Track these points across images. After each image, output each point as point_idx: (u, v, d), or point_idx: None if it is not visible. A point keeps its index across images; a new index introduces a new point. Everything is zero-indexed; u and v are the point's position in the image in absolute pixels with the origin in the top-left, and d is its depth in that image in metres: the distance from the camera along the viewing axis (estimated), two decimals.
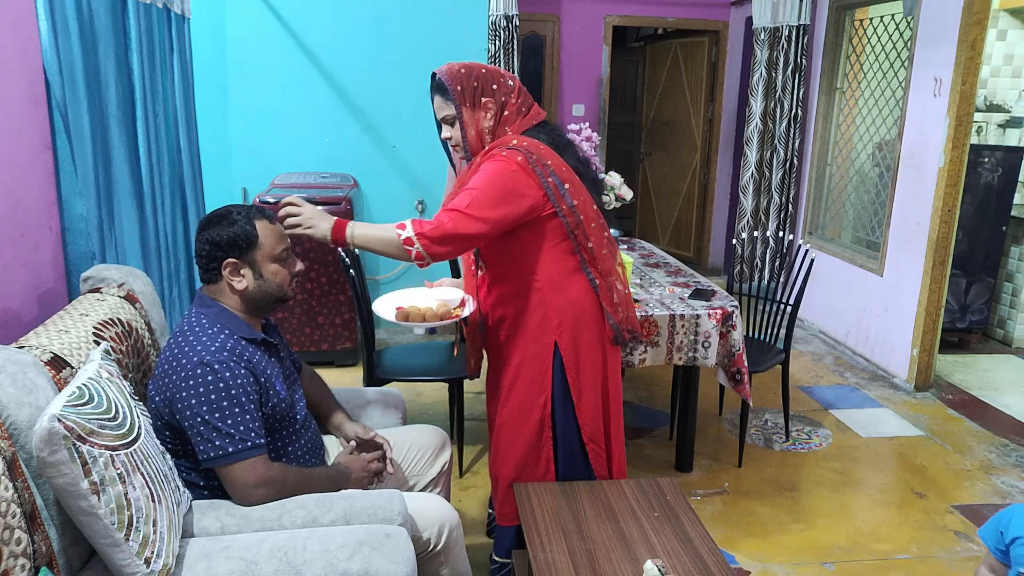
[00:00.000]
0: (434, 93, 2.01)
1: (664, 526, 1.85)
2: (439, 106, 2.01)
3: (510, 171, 1.91)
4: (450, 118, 2.00)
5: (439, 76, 1.98)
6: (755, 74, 5.26)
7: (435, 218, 1.92)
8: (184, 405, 1.66)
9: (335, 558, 1.58)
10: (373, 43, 4.56)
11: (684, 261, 4.81)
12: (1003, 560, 1.58)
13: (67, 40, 2.19)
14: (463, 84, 1.96)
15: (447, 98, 1.97)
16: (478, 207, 1.88)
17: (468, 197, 1.89)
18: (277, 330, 2.02)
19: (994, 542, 1.58)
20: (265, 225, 1.82)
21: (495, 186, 1.89)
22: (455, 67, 1.98)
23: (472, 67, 1.98)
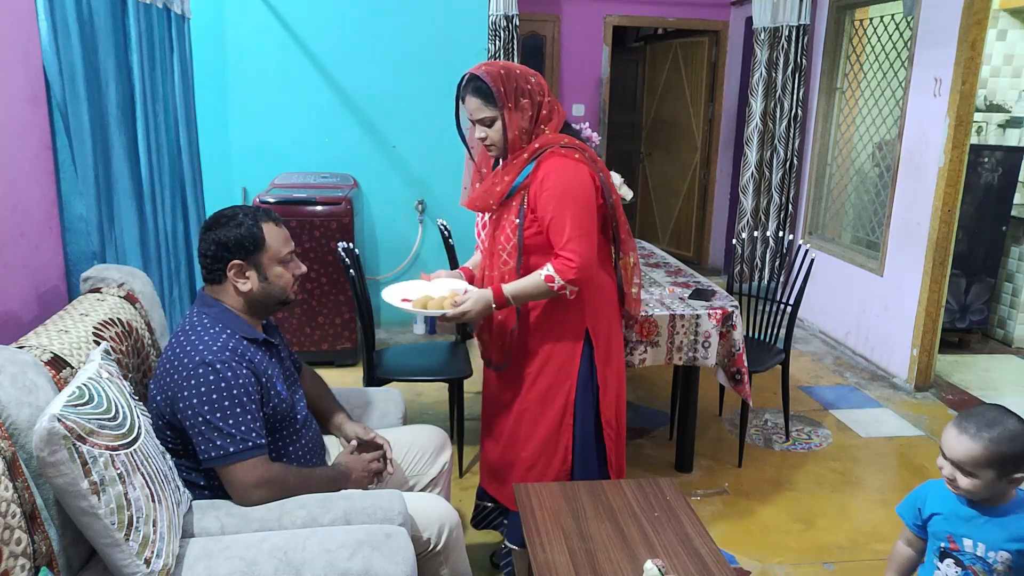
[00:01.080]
0: (469, 94, 2.00)
1: (664, 526, 1.85)
2: (476, 108, 2.00)
3: (582, 177, 2.00)
4: (488, 119, 1.99)
5: (481, 77, 1.97)
6: (755, 74, 5.26)
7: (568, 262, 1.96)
8: (186, 404, 1.66)
9: (335, 558, 1.59)
10: (373, 43, 4.57)
11: (684, 261, 4.80)
12: (920, 535, 1.69)
13: (67, 40, 2.19)
14: (505, 85, 1.96)
15: (488, 99, 1.97)
16: (582, 224, 1.97)
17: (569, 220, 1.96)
18: (278, 330, 2.02)
19: (911, 518, 1.69)
20: (271, 228, 1.82)
21: (580, 197, 1.98)
22: (495, 68, 1.98)
23: (508, 67, 2.00)
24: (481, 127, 2.02)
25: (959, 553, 1.59)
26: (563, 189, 1.96)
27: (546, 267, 1.99)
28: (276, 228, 1.83)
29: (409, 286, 2.22)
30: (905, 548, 1.75)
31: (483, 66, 2.00)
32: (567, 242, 1.96)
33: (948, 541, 1.60)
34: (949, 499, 1.62)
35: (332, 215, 4.04)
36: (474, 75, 1.98)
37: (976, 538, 1.56)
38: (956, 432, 1.54)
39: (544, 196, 1.98)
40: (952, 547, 1.60)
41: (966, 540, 1.58)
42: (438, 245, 4.70)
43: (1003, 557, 1.54)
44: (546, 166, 1.98)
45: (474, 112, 2.00)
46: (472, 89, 1.99)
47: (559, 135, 2.04)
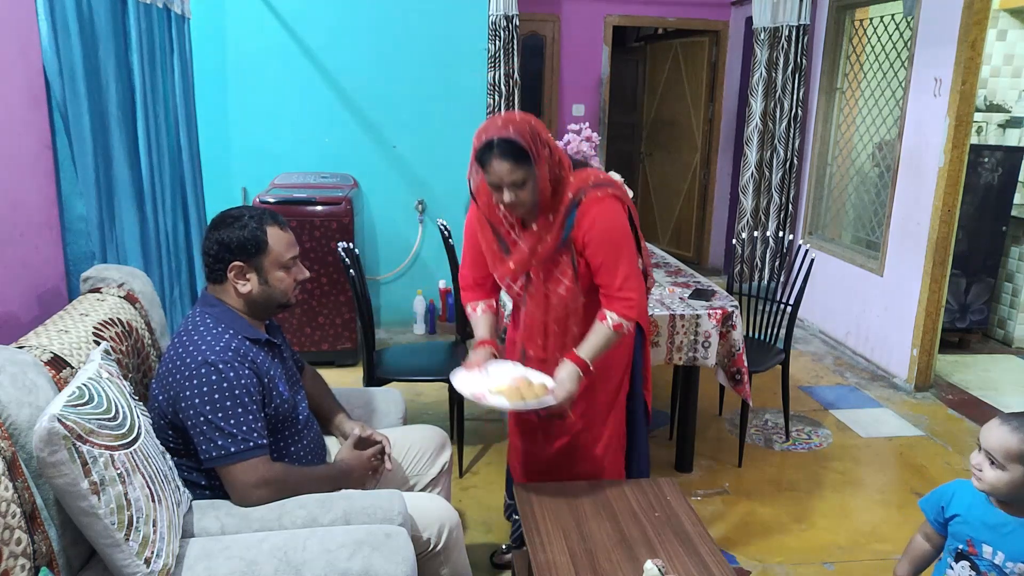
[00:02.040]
0: (497, 158, 1.83)
1: (664, 526, 1.85)
2: (507, 171, 1.83)
3: (621, 216, 2.00)
4: (520, 180, 1.85)
5: (512, 138, 1.81)
6: (755, 74, 5.26)
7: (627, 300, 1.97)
8: (188, 404, 1.66)
9: (335, 558, 1.58)
10: (373, 43, 4.57)
11: (684, 261, 4.81)
12: (940, 532, 1.68)
13: (67, 40, 2.19)
14: (536, 142, 1.84)
15: (519, 160, 1.83)
16: (631, 262, 1.99)
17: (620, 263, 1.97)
18: (280, 330, 2.02)
19: (934, 514, 1.67)
20: (276, 231, 1.81)
21: (625, 235, 1.99)
22: (521, 125, 1.84)
23: (527, 119, 1.88)
24: (510, 190, 1.86)
25: (976, 558, 1.57)
26: (609, 233, 1.95)
27: (608, 316, 1.96)
28: (281, 232, 1.82)
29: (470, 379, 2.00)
30: (923, 542, 1.74)
31: (509, 125, 1.83)
32: (623, 282, 1.95)
33: (967, 544, 1.59)
34: (977, 503, 1.59)
35: (332, 215, 4.04)
36: (502, 138, 1.81)
37: (997, 546, 1.55)
38: (998, 422, 1.54)
39: (593, 243, 1.95)
40: (970, 551, 1.58)
41: (986, 547, 1.56)
42: (438, 245, 4.69)
43: (1020, 569, 1.52)
44: (590, 214, 1.94)
45: (505, 176, 1.84)
46: (500, 152, 1.82)
47: (580, 174, 1.99)
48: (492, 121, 1.88)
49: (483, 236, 2.09)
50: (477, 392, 1.90)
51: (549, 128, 6.26)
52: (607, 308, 1.98)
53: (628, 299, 1.96)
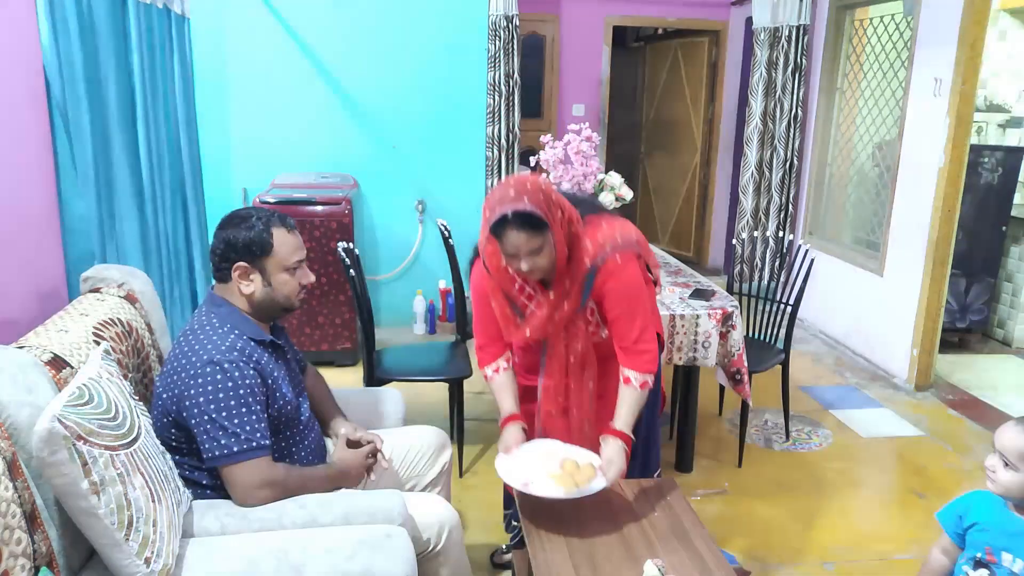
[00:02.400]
0: (514, 230, 1.76)
1: (664, 526, 1.85)
2: (525, 241, 1.77)
3: (639, 274, 1.97)
4: (537, 248, 1.80)
5: (528, 211, 1.74)
6: (755, 74, 5.26)
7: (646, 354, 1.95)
8: (192, 403, 1.67)
9: (335, 558, 1.58)
10: (373, 43, 4.57)
11: (684, 261, 4.80)
12: (959, 544, 1.64)
13: (67, 40, 2.20)
14: (550, 207, 1.79)
15: (537, 229, 1.77)
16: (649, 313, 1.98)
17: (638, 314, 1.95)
18: (285, 332, 2.02)
19: (952, 526, 1.65)
20: (283, 234, 1.81)
21: (642, 290, 1.97)
22: (535, 193, 1.77)
23: (536, 183, 1.81)
24: (528, 259, 1.81)
25: (996, 566, 1.56)
26: (626, 288, 1.94)
27: (632, 378, 1.94)
28: (288, 235, 1.82)
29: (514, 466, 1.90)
30: (940, 557, 1.70)
31: (523, 196, 1.76)
32: (640, 334, 1.94)
33: (986, 553, 1.57)
34: (996, 511, 1.58)
35: (332, 215, 4.04)
36: (516, 210, 1.75)
37: (1017, 553, 1.53)
38: (1013, 423, 1.54)
39: (609, 297, 1.94)
40: (989, 559, 1.57)
41: (1005, 554, 1.55)
42: (438, 245, 4.69)
43: None
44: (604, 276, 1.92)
45: (522, 246, 1.78)
46: (517, 224, 1.76)
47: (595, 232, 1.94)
48: (503, 191, 1.79)
49: (496, 303, 2.01)
50: (525, 480, 1.81)
51: (549, 128, 6.29)
52: (627, 367, 1.95)
53: (646, 352, 1.95)
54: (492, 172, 4.94)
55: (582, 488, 1.77)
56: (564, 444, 1.98)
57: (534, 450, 1.94)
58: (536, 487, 1.79)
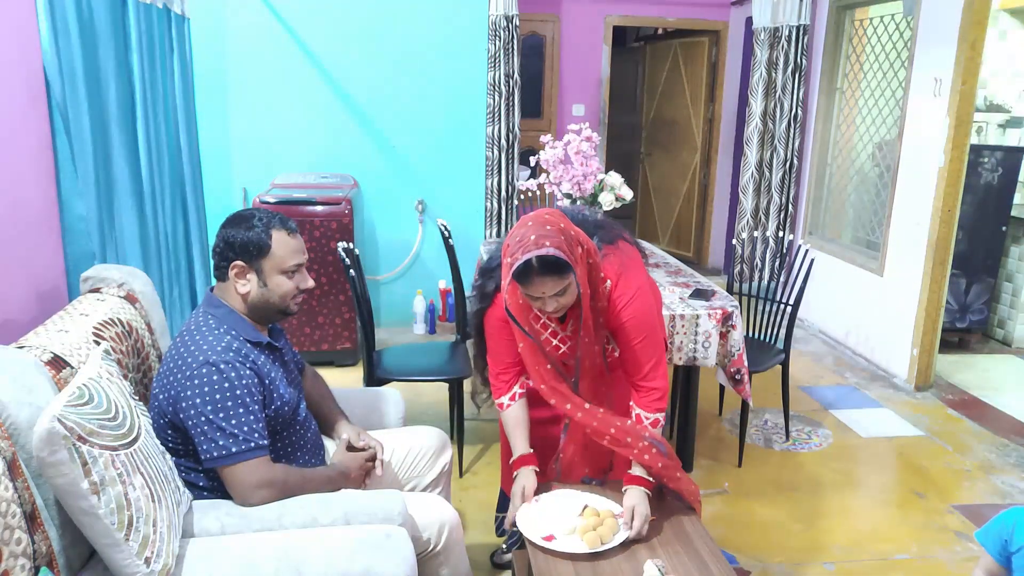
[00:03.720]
0: (539, 276, 1.73)
1: (664, 526, 1.85)
2: (552, 285, 1.75)
3: (650, 304, 1.97)
4: (562, 289, 1.77)
5: (554, 256, 1.69)
6: (755, 74, 5.26)
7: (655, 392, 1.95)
8: (188, 404, 1.66)
9: (335, 558, 1.58)
10: (373, 43, 4.57)
11: (684, 261, 4.81)
12: (1004, 565, 1.54)
13: (67, 40, 2.19)
14: (572, 248, 1.75)
15: (562, 272, 1.73)
16: (659, 350, 1.96)
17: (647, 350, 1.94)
18: (283, 333, 2.02)
19: (997, 548, 1.54)
20: (282, 236, 1.81)
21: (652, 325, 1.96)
22: (556, 237, 1.72)
23: (555, 224, 1.76)
24: (552, 300, 1.79)
25: None
26: (636, 319, 1.91)
27: (640, 415, 1.93)
28: (288, 238, 1.82)
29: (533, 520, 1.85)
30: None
31: (545, 240, 1.70)
32: (650, 371, 1.93)
33: None
34: None
35: (332, 215, 4.04)
36: (540, 256, 1.69)
37: None
38: None
39: (621, 328, 1.93)
40: None
41: None
42: (438, 245, 4.69)
43: None
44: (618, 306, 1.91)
45: (548, 290, 1.76)
46: (542, 270, 1.72)
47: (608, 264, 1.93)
48: (524, 236, 1.73)
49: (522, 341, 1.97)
50: (547, 535, 1.77)
51: (549, 128, 6.29)
52: (636, 405, 1.95)
53: (655, 390, 1.94)
54: (492, 172, 4.94)
55: (607, 543, 1.74)
56: (581, 492, 1.95)
57: (552, 501, 1.91)
58: (560, 543, 1.75)
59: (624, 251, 2.01)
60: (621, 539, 1.76)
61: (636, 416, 1.95)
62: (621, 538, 1.76)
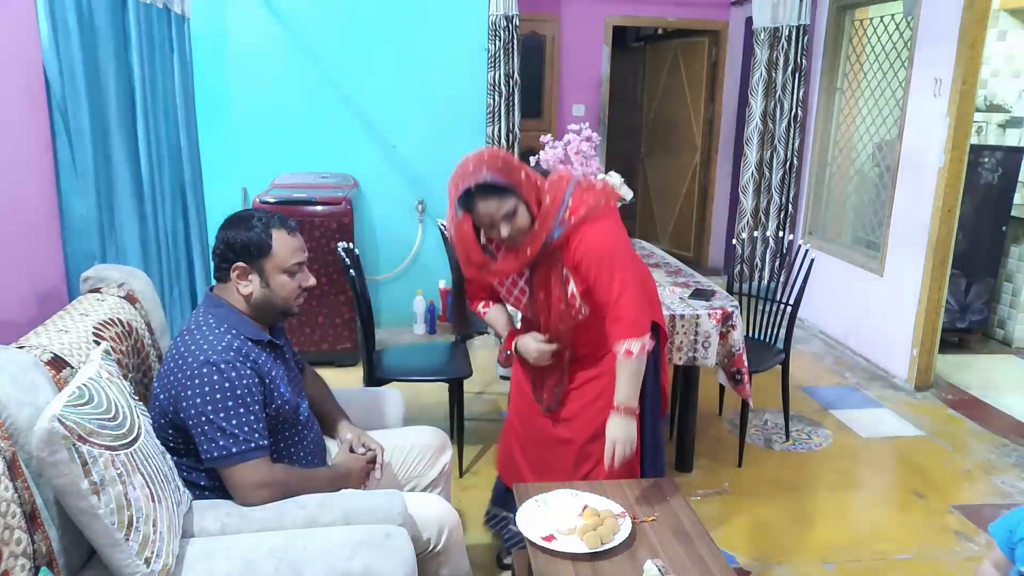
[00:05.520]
0: (483, 200, 1.87)
1: (664, 526, 1.85)
2: (496, 207, 1.88)
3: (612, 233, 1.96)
4: (511, 211, 1.89)
5: (488, 179, 1.85)
6: (755, 74, 5.26)
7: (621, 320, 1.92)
8: (189, 404, 1.66)
9: (335, 558, 1.58)
10: (373, 43, 4.57)
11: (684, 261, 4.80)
12: (1010, 558, 1.58)
13: (67, 40, 2.19)
14: (511, 171, 1.88)
15: (504, 193, 1.87)
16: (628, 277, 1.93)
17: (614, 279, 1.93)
18: (284, 332, 2.02)
19: (1004, 539, 1.59)
20: (283, 236, 1.81)
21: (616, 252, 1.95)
22: (495, 162, 1.87)
23: (495, 154, 1.91)
24: (504, 224, 1.90)
25: None
26: (598, 251, 1.93)
27: (616, 346, 1.93)
28: (288, 237, 1.82)
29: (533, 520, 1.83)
30: (991, 570, 1.64)
31: (481, 167, 1.86)
32: (617, 299, 1.92)
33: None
34: None
35: (332, 215, 4.04)
36: (478, 182, 1.85)
37: None
38: None
39: (583, 262, 1.95)
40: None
41: None
42: (438, 245, 4.69)
43: None
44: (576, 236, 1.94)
45: (495, 212, 1.88)
46: (483, 194, 1.86)
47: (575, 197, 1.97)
48: (463, 167, 1.89)
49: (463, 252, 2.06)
50: (547, 535, 1.77)
51: (549, 128, 6.29)
52: (610, 335, 1.95)
53: (620, 319, 1.92)
54: None
55: (607, 543, 1.73)
56: (581, 492, 1.95)
57: (551, 501, 1.91)
58: (561, 543, 1.75)
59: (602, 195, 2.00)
60: (621, 539, 1.76)
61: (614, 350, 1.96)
62: (621, 538, 1.76)
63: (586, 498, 1.90)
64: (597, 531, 1.73)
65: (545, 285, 2.04)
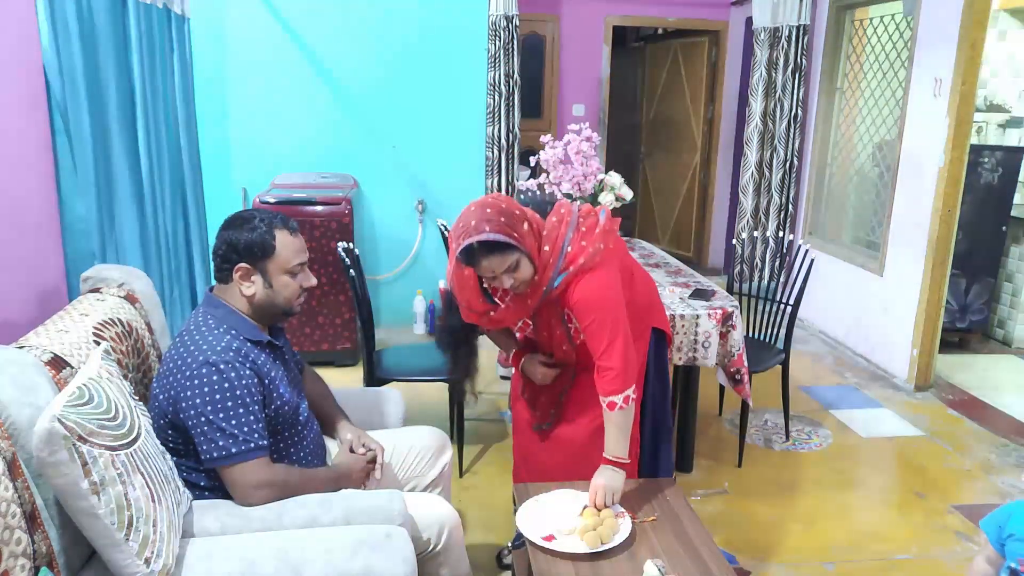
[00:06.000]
0: (485, 258, 1.86)
1: (664, 526, 1.85)
2: (499, 263, 1.86)
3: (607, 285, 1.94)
4: (513, 265, 1.88)
5: (491, 238, 1.82)
6: (755, 74, 5.26)
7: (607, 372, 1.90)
8: (188, 404, 1.66)
9: (335, 558, 1.58)
10: (373, 43, 4.57)
11: (684, 261, 4.80)
12: (1001, 553, 1.62)
13: (67, 40, 2.20)
14: (513, 227, 1.86)
15: (506, 249, 1.85)
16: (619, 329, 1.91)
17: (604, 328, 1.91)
18: (283, 332, 2.02)
19: (995, 535, 1.63)
20: (285, 236, 1.81)
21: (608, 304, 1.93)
22: (494, 218, 1.84)
23: (496, 207, 1.87)
24: (505, 277, 1.90)
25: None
26: (589, 302, 1.93)
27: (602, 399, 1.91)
28: (290, 237, 1.82)
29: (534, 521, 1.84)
30: (984, 565, 1.68)
31: (483, 225, 1.83)
32: (605, 349, 1.91)
33: (1019, 564, 1.56)
34: None
35: (332, 215, 4.04)
36: (480, 241, 1.83)
37: None
38: None
39: (576, 309, 1.95)
40: (1022, 570, 1.55)
41: None
42: (438, 245, 4.69)
43: None
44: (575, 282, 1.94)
45: (497, 268, 1.88)
46: (485, 252, 1.85)
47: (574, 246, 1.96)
48: (465, 221, 1.86)
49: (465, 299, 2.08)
50: (547, 535, 1.78)
51: (549, 128, 6.29)
52: (598, 386, 1.93)
53: (608, 369, 1.90)
54: (492, 172, 4.94)
55: (607, 544, 1.74)
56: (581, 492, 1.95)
57: (551, 502, 1.92)
58: (561, 543, 1.75)
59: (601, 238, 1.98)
60: (621, 539, 1.76)
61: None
62: (621, 538, 1.76)
63: (586, 498, 1.90)
64: (597, 531, 1.73)
65: (547, 327, 2.10)
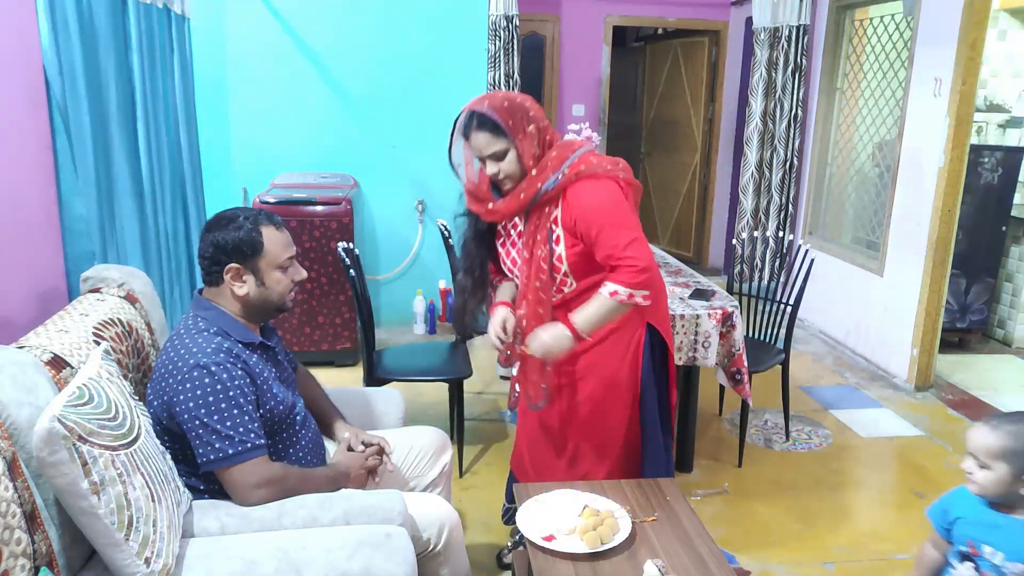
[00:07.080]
0: (476, 131, 1.91)
1: (664, 526, 1.85)
2: (486, 143, 1.90)
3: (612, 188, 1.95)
4: (500, 152, 1.91)
5: (486, 113, 1.89)
6: (755, 74, 5.26)
7: (620, 266, 1.87)
8: (182, 408, 1.66)
9: (335, 558, 1.59)
10: (373, 43, 4.57)
11: (684, 261, 4.81)
12: (946, 537, 1.68)
13: (67, 40, 2.20)
14: (512, 116, 1.89)
15: (497, 132, 1.89)
16: (631, 228, 1.90)
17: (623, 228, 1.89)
18: (275, 332, 2.01)
19: (939, 521, 1.69)
20: (272, 232, 1.80)
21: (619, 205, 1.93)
22: (497, 100, 1.91)
23: (509, 97, 1.94)
24: (492, 162, 1.92)
25: (979, 559, 1.59)
26: (599, 204, 1.91)
27: (604, 285, 1.88)
28: (277, 232, 1.81)
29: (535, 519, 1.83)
30: (932, 551, 1.73)
31: (485, 100, 1.91)
32: (628, 245, 1.86)
33: (969, 546, 1.60)
34: (976, 505, 1.61)
35: (332, 215, 4.04)
36: (477, 112, 1.90)
37: (997, 546, 1.56)
38: (981, 424, 1.58)
39: (585, 215, 1.91)
40: (972, 552, 1.60)
41: (986, 547, 1.57)
42: (438, 245, 4.69)
43: (1019, 569, 1.53)
44: (573, 191, 1.93)
45: (484, 148, 1.91)
46: (477, 125, 1.90)
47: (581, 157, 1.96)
48: (479, 96, 1.95)
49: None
50: (547, 535, 1.77)
51: None
52: (612, 281, 1.88)
53: (633, 265, 1.84)
54: None
55: (607, 544, 1.73)
56: (581, 492, 1.95)
57: (552, 500, 1.91)
58: (561, 543, 1.75)
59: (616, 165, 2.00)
60: (621, 539, 1.76)
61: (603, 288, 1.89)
62: (621, 538, 1.76)
63: (586, 498, 1.90)
64: (597, 531, 1.73)
65: (531, 244, 2.00)
